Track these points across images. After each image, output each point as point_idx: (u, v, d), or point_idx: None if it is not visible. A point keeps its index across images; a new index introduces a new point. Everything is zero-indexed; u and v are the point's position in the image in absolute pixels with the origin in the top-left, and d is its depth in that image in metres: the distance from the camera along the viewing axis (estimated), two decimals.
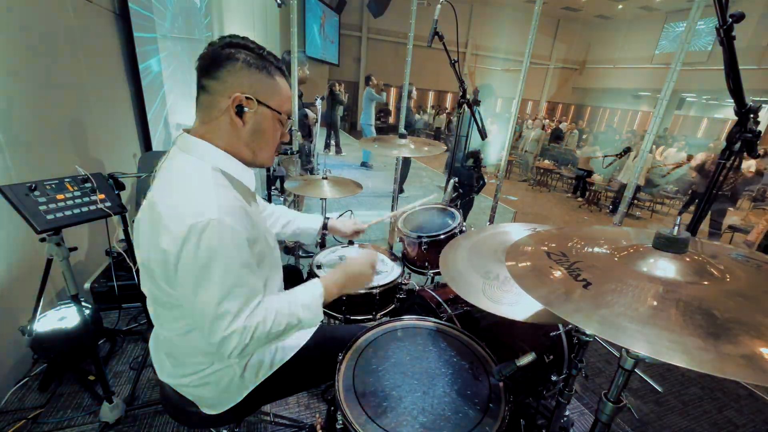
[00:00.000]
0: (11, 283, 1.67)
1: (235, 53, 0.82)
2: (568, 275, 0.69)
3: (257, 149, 0.91)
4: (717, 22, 0.90)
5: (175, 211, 0.76)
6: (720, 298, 0.61)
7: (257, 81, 0.84)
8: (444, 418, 0.88)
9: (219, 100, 0.83)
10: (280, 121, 0.91)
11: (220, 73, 0.82)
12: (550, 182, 8.33)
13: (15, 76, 1.70)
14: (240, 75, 0.82)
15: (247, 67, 0.83)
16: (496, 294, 1.04)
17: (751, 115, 0.96)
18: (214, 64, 0.82)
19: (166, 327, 0.94)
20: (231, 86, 0.82)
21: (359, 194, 2.06)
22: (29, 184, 1.24)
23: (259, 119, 0.87)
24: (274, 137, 0.92)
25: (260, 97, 0.85)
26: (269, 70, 0.86)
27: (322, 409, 1.74)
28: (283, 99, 0.89)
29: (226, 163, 0.86)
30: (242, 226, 0.80)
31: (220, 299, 0.77)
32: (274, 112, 0.88)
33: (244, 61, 0.82)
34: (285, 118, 0.91)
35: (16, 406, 1.64)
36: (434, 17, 1.93)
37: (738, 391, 2.22)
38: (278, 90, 0.88)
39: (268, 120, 0.88)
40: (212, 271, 0.76)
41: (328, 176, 1.96)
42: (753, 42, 9.77)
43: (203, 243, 0.74)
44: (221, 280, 0.77)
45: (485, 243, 1.32)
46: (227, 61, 0.82)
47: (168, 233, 0.75)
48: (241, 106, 0.83)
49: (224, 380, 0.98)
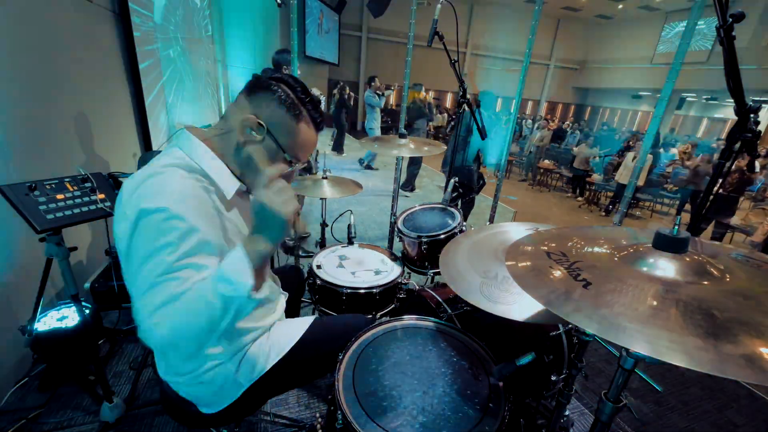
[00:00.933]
0: (11, 283, 1.67)
1: (275, 86, 0.86)
2: (567, 275, 0.69)
3: (247, 175, 0.91)
4: (717, 22, 0.90)
5: (132, 196, 0.75)
6: (720, 297, 0.61)
7: (280, 116, 0.86)
8: (444, 417, 0.89)
9: (238, 115, 0.86)
10: (285, 160, 0.90)
11: (253, 95, 0.86)
12: (550, 182, 8.34)
13: (15, 76, 1.69)
14: (267, 104, 0.86)
15: (277, 102, 0.86)
16: (494, 293, 1.04)
17: (751, 115, 0.96)
18: (255, 87, 0.87)
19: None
20: (254, 108, 0.86)
21: (359, 194, 2.06)
22: (29, 184, 1.24)
23: (264, 150, 0.88)
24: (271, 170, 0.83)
25: (272, 130, 0.86)
26: (298, 115, 0.87)
27: (322, 409, 1.74)
28: (297, 144, 0.90)
29: (212, 166, 0.87)
30: (202, 225, 0.77)
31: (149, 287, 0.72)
32: (279, 149, 0.88)
33: (277, 96, 0.86)
34: (290, 160, 0.90)
35: (16, 406, 1.64)
36: (434, 17, 1.93)
37: (738, 391, 2.22)
38: (297, 135, 0.89)
39: (271, 153, 0.88)
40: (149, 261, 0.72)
41: (328, 176, 1.96)
42: (753, 42, 9.78)
43: (147, 229, 0.73)
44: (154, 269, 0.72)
45: (485, 243, 1.32)
46: (266, 89, 0.86)
47: (124, 219, 0.75)
48: (250, 128, 0.85)
49: (218, 379, 0.98)
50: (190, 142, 0.87)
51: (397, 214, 2.01)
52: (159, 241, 0.73)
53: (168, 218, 0.74)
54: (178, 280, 0.73)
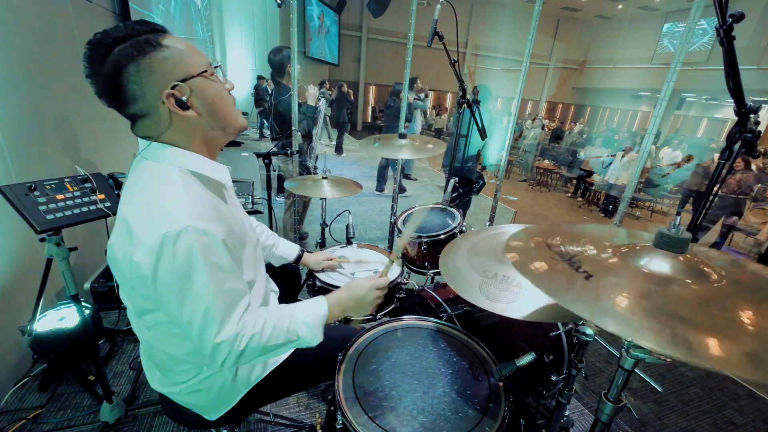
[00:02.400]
0: (11, 283, 1.67)
1: (116, 61, 0.70)
2: (569, 266, 0.69)
3: (224, 119, 0.84)
4: (717, 22, 0.90)
5: (147, 223, 0.71)
6: (721, 296, 0.61)
7: (158, 64, 0.72)
8: (444, 418, 0.88)
9: (152, 103, 0.75)
10: (211, 78, 0.80)
11: (125, 97, 0.73)
12: (550, 182, 8.33)
13: (15, 76, 1.69)
14: (139, 76, 0.71)
15: (135, 65, 0.70)
16: (494, 292, 1.04)
17: (751, 115, 0.96)
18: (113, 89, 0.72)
19: (150, 338, 0.91)
20: (149, 94, 0.73)
21: (359, 194, 2.06)
22: (29, 184, 1.24)
23: (200, 94, 0.78)
24: (222, 95, 0.83)
25: (179, 76, 0.74)
26: (151, 44, 0.72)
27: (322, 409, 1.74)
28: (192, 57, 0.77)
29: (195, 162, 0.81)
30: (217, 229, 0.75)
31: (205, 307, 0.74)
32: (202, 75, 0.78)
33: (129, 60, 0.70)
34: (212, 69, 0.81)
35: (16, 406, 1.64)
36: (434, 17, 1.93)
37: (738, 391, 2.22)
38: (181, 54, 0.75)
39: (207, 86, 0.79)
40: (193, 280, 0.72)
41: (328, 176, 1.96)
42: (753, 42, 9.78)
43: (179, 251, 0.70)
44: (203, 288, 0.73)
45: (485, 243, 1.32)
46: (117, 76, 0.71)
47: (142, 246, 0.70)
48: (177, 99, 0.75)
49: (215, 387, 0.97)
50: (160, 150, 0.79)
51: (397, 214, 2.00)
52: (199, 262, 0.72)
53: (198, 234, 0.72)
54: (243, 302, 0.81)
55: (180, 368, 0.94)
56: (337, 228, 2.42)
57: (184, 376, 0.94)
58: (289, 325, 0.87)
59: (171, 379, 0.96)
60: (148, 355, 0.99)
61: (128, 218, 0.74)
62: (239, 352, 0.79)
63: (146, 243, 0.70)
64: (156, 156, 0.79)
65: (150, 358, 0.99)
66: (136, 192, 0.78)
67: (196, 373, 0.94)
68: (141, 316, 0.85)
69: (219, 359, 0.78)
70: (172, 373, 0.95)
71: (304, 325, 0.89)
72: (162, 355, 0.93)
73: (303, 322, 0.89)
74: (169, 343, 0.89)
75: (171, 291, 0.73)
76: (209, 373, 0.95)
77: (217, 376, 0.96)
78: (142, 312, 0.84)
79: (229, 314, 0.78)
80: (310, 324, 0.90)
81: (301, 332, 0.88)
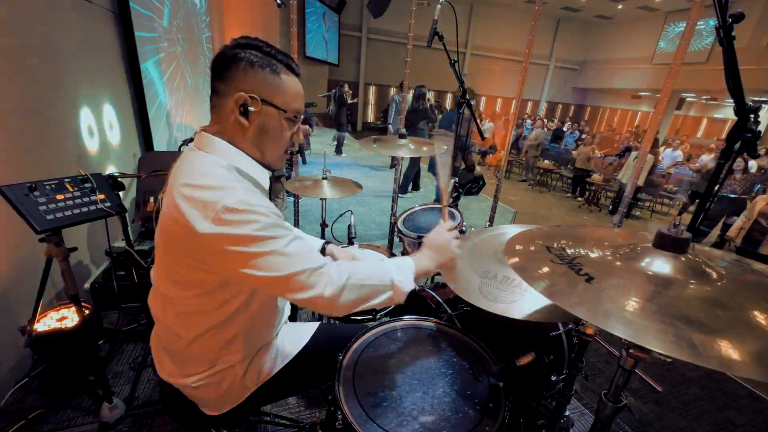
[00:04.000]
0: (11, 283, 1.67)
1: (239, 53, 0.83)
2: (569, 269, 0.69)
3: (265, 149, 0.90)
4: (717, 22, 0.90)
5: (204, 198, 0.76)
6: (721, 297, 0.61)
7: (261, 80, 0.83)
8: (444, 418, 0.88)
9: (226, 101, 0.84)
10: (288, 119, 0.89)
11: (225, 74, 0.83)
12: (550, 182, 8.33)
13: (15, 76, 1.69)
14: (243, 75, 0.83)
15: (250, 67, 0.82)
16: (493, 293, 1.04)
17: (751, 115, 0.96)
18: (221, 66, 0.84)
19: (174, 322, 0.92)
20: (235, 86, 0.83)
21: (359, 194, 2.06)
22: (29, 184, 1.24)
23: (264, 118, 0.86)
24: (282, 136, 0.91)
25: (264, 96, 0.84)
26: (274, 67, 0.85)
27: (322, 409, 1.74)
28: (289, 97, 0.87)
29: (241, 161, 0.87)
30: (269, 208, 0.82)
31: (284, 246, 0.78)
32: (280, 111, 0.87)
33: (247, 61, 0.82)
34: (292, 116, 0.89)
35: (16, 406, 1.64)
36: (434, 17, 1.93)
37: (738, 391, 2.22)
38: (284, 88, 0.86)
39: (275, 119, 0.87)
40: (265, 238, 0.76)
41: (328, 176, 1.96)
42: (753, 42, 9.77)
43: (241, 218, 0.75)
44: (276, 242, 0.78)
45: (485, 244, 1.32)
46: (232, 62, 0.83)
47: (203, 222, 0.75)
48: (245, 105, 0.83)
49: (226, 382, 0.98)
50: (213, 142, 0.86)
51: (396, 214, 2.00)
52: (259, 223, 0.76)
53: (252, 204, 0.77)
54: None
55: (195, 358, 0.95)
56: (337, 228, 2.42)
57: (198, 367, 0.95)
58: (383, 269, 0.91)
59: (183, 370, 0.97)
60: (165, 342, 0.99)
61: (188, 196, 0.77)
62: (342, 283, 0.83)
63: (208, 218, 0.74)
64: (207, 147, 0.86)
65: (164, 347, 0.99)
66: (191, 175, 0.81)
67: (210, 366, 0.95)
68: (178, 291, 0.87)
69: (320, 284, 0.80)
70: (186, 364, 0.96)
71: (397, 268, 0.92)
72: (180, 343, 0.93)
73: (396, 265, 0.93)
74: (195, 335, 0.90)
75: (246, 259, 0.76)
76: (222, 367, 0.96)
77: (229, 372, 0.98)
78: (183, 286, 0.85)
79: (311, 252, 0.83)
80: (402, 267, 0.93)
81: (394, 276, 0.90)
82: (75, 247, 1.39)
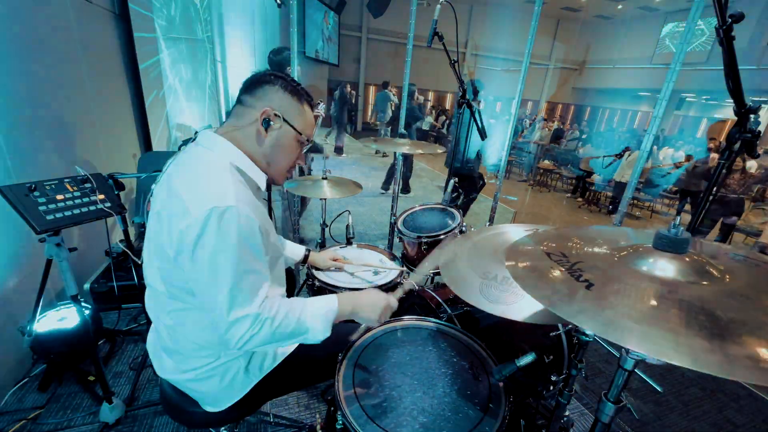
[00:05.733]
0: (11, 283, 1.67)
1: (274, 79, 0.95)
2: (569, 276, 0.69)
3: (272, 162, 0.99)
4: (717, 22, 0.90)
5: (196, 196, 0.81)
6: (722, 298, 0.61)
7: (288, 103, 0.96)
8: (444, 418, 0.89)
9: (251, 112, 0.93)
10: (299, 142, 1.00)
11: (257, 91, 0.94)
12: (550, 182, 8.33)
13: (15, 76, 1.69)
14: (274, 95, 0.94)
15: (282, 89, 0.95)
16: (494, 294, 1.04)
17: (751, 115, 0.96)
18: (255, 84, 0.95)
19: (175, 323, 0.94)
20: (264, 102, 0.93)
21: (359, 194, 2.06)
22: (29, 185, 1.24)
23: (281, 135, 0.96)
24: (290, 156, 1.01)
25: (286, 117, 0.95)
26: (300, 98, 0.97)
27: (322, 409, 1.74)
28: (306, 124, 1.00)
29: (243, 162, 0.93)
30: (256, 216, 0.86)
31: (233, 284, 0.81)
32: (296, 133, 0.98)
33: (280, 86, 0.95)
34: (305, 140, 1.01)
35: (16, 406, 1.64)
36: (434, 17, 1.93)
37: (738, 391, 2.22)
38: (304, 115, 0.99)
39: (289, 138, 0.98)
40: (227, 255, 0.80)
41: (328, 176, 1.96)
42: (753, 42, 9.77)
43: (222, 226, 0.79)
44: (235, 265, 0.81)
45: (485, 243, 1.32)
46: (267, 83, 0.95)
47: (188, 216, 0.79)
48: (268, 120, 0.93)
49: (229, 374, 0.99)
50: (218, 142, 0.92)
51: (397, 215, 2.00)
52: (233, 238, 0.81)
53: (241, 216, 0.81)
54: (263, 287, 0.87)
55: (199, 353, 0.96)
56: (335, 228, 2.42)
57: (200, 361, 0.97)
58: (300, 316, 0.92)
59: (186, 365, 0.98)
60: (168, 341, 0.99)
61: (178, 189, 0.83)
62: (253, 334, 0.84)
63: (194, 214, 0.79)
64: (210, 144, 0.92)
65: (165, 346, 1.00)
66: (189, 169, 0.88)
67: (214, 359, 0.97)
68: (174, 298, 0.90)
69: (235, 336, 0.83)
70: (189, 359, 0.97)
71: (313, 318, 0.93)
72: (183, 341, 0.96)
73: (312, 314, 0.93)
74: (195, 331, 0.93)
75: (205, 263, 0.80)
76: (226, 359, 0.98)
77: (232, 363, 0.99)
78: (177, 292, 0.89)
79: (254, 294, 0.85)
80: (320, 316, 0.94)
81: (309, 324, 0.93)
82: (75, 247, 1.39)
